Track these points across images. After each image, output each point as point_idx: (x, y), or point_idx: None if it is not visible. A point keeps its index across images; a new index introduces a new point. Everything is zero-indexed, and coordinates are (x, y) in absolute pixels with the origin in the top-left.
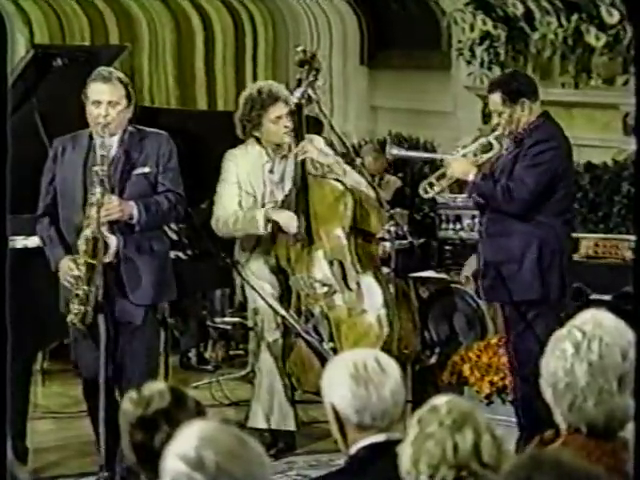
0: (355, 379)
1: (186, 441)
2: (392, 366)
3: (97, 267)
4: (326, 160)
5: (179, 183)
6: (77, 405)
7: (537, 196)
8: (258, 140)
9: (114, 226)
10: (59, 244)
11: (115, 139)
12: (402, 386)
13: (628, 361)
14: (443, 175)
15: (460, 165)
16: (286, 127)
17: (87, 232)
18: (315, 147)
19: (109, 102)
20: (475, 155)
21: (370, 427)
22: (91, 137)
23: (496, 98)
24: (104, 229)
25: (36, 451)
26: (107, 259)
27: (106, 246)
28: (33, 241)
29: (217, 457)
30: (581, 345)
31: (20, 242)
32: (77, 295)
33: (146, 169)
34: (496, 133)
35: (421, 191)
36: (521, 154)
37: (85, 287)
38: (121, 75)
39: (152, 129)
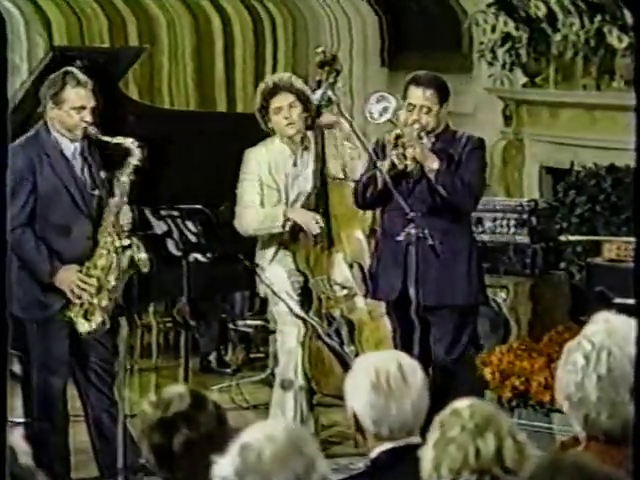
0: (375, 389)
1: (251, 434)
2: (415, 374)
3: (117, 274)
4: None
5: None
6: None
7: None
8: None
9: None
10: (50, 255)
11: (78, 144)
12: (424, 396)
13: None
14: (403, 155)
15: (425, 149)
16: (286, 118)
17: (109, 240)
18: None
19: (91, 107)
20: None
21: (388, 437)
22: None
23: (429, 94)
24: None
25: None
26: (145, 268)
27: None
28: None
29: (278, 452)
30: (590, 357)
31: None
32: (90, 304)
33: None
34: (416, 127)
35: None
36: (464, 155)
37: (107, 294)
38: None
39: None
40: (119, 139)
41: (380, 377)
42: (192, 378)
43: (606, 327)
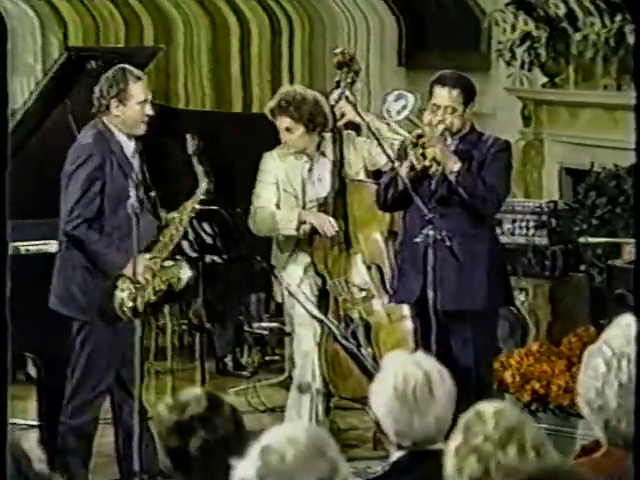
0: (400, 400)
1: (272, 438)
2: (443, 383)
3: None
4: (366, 118)
5: None
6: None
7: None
8: None
9: None
10: (118, 247)
11: (134, 142)
12: (449, 407)
13: None
14: (423, 155)
15: (446, 150)
16: (288, 141)
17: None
18: (351, 107)
19: (149, 100)
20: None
21: (410, 447)
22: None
23: (454, 94)
24: None
25: None
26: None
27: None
28: (54, 246)
29: (301, 454)
30: (611, 364)
31: (53, 246)
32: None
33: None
34: (440, 128)
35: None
36: (488, 158)
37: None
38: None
39: None
40: (195, 163)
41: (407, 389)
42: (208, 381)
43: (625, 333)
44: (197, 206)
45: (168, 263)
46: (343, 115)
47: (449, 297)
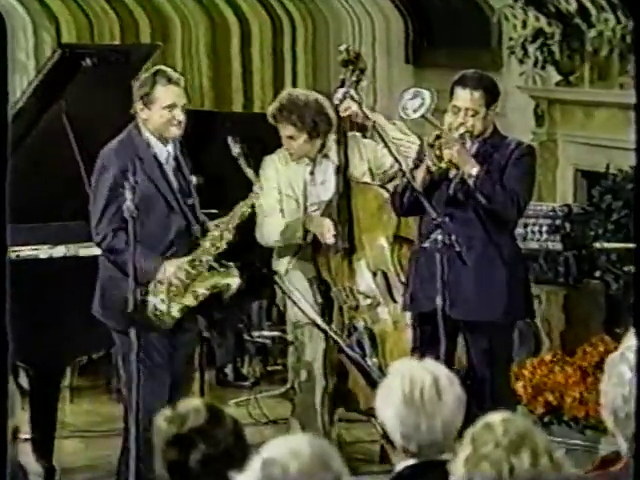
0: (406, 404)
1: (274, 450)
2: (452, 389)
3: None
4: (372, 117)
5: None
6: (108, 423)
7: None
8: None
9: None
10: (146, 254)
11: (171, 147)
12: (458, 413)
13: None
14: (439, 157)
15: (464, 153)
16: (290, 149)
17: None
18: (356, 106)
19: (182, 105)
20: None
21: (416, 454)
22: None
23: (476, 96)
24: None
25: (64, 471)
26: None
27: None
28: (59, 251)
29: (304, 467)
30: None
31: (45, 252)
32: (176, 295)
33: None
34: (461, 131)
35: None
36: (510, 162)
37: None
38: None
39: None
40: (243, 166)
41: (414, 391)
42: (208, 392)
43: None
44: (249, 210)
45: (215, 268)
46: (348, 115)
47: (466, 306)
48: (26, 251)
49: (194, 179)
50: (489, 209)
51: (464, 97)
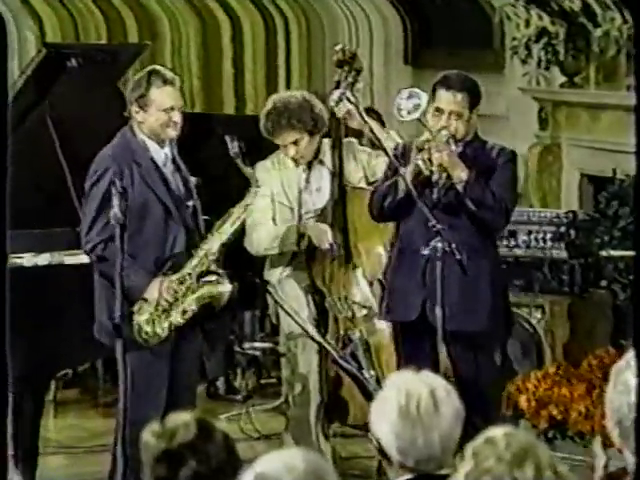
0: (402, 417)
1: (268, 465)
2: (449, 401)
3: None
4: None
5: None
6: (93, 439)
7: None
8: None
9: None
10: (136, 268)
11: (168, 149)
12: (455, 427)
13: None
14: (429, 160)
15: (454, 157)
16: (296, 155)
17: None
18: (353, 109)
19: (179, 108)
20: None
21: (413, 469)
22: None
23: (459, 98)
24: None
25: None
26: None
27: None
28: (44, 258)
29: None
30: None
31: (29, 260)
32: (164, 312)
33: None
34: (444, 133)
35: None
36: (497, 167)
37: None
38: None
39: None
40: (241, 166)
41: (410, 404)
42: (198, 405)
43: None
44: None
45: (205, 279)
46: (345, 118)
47: (453, 315)
48: (10, 259)
49: (194, 180)
50: (477, 215)
51: (447, 99)
